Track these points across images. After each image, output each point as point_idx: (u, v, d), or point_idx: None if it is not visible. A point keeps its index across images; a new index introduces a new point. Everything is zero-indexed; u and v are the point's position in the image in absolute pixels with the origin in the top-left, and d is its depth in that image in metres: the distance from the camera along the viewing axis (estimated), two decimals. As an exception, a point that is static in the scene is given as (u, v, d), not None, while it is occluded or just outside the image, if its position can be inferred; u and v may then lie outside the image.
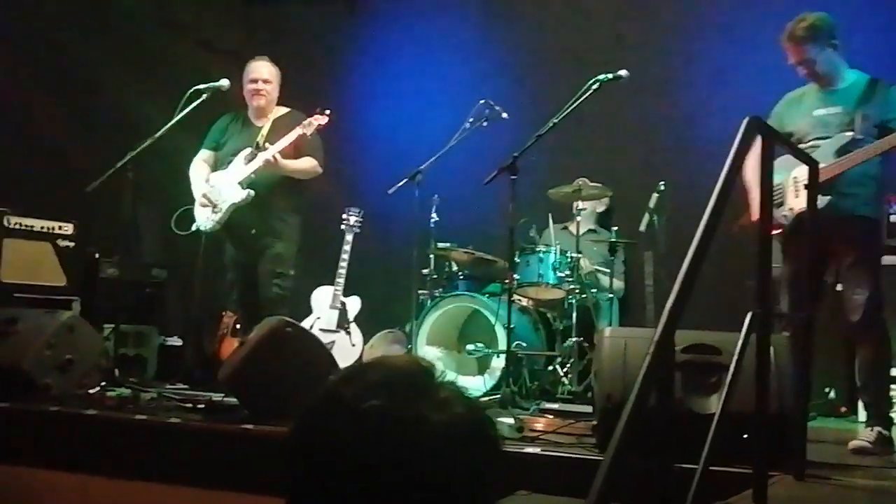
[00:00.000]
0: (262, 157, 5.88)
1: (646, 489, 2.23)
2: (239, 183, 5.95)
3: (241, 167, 5.98)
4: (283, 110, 6.24)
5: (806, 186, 3.47)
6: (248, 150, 6.00)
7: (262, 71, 6.16)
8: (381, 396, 1.16)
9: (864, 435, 4.21)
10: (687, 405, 3.64)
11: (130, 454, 4.33)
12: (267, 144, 5.93)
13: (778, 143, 3.03)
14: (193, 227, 6.10)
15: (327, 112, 6.04)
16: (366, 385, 1.18)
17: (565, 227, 7.03)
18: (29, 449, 4.46)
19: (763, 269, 2.92)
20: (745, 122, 2.79)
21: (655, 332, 2.16)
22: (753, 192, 4.30)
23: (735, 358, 2.69)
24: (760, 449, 2.90)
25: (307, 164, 6.08)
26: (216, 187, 6.03)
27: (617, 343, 3.90)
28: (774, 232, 4.31)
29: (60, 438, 4.46)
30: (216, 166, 6.19)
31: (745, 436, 3.35)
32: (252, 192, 5.92)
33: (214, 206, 6.02)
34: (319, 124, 6.01)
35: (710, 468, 2.52)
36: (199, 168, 6.19)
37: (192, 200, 6.17)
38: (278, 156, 5.86)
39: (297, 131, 5.96)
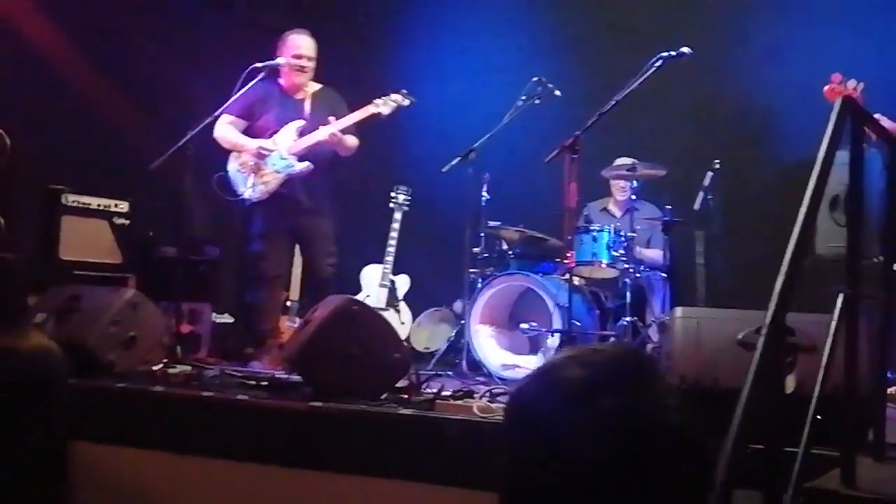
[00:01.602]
0: (326, 131, 5.85)
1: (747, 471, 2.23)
2: (292, 154, 5.91)
3: (293, 138, 5.92)
4: (317, 86, 6.17)
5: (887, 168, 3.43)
6: (300, 123, 5.94)
7: (309, 47, 6.06)
8: (616, 394, 1.15)
9: None
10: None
11: (198, 431, 4.36)
12: (331, 118, 5.88)
13: (868, 124, 2.99)
14: (241, 194, 5.99)
15: (411, 97, 6.07)
16: (601, 379, 1.17)
17: (605, 209, 7.01)
18: (96, 426, 4.50)
19: (853, 251, 2.89)
20: (837, 102, 2.75)
21: (766, 316, 2.14)
22: None
23: (829, 341, 2.67)
24: (848, 431, 2.89)
25: (354, 141, 6.06)
26: (266, 155, 5.93)
27: (689, 323, 3.88)
28: None
29: (128, 415, 4.50)
30: (248, 134, 6.05)
31: (819, 417, 3.34)
32: (311, 165, 5.89)
33: (261, 174, 5.94)
34: (400, 105, 6.01)
35: (787, 449, 2.52)
36: (232, 130, 6.02)
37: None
38: (338, 130, 5.85)
39: (371, 109, 5.95)
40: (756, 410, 2.06)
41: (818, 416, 3.37)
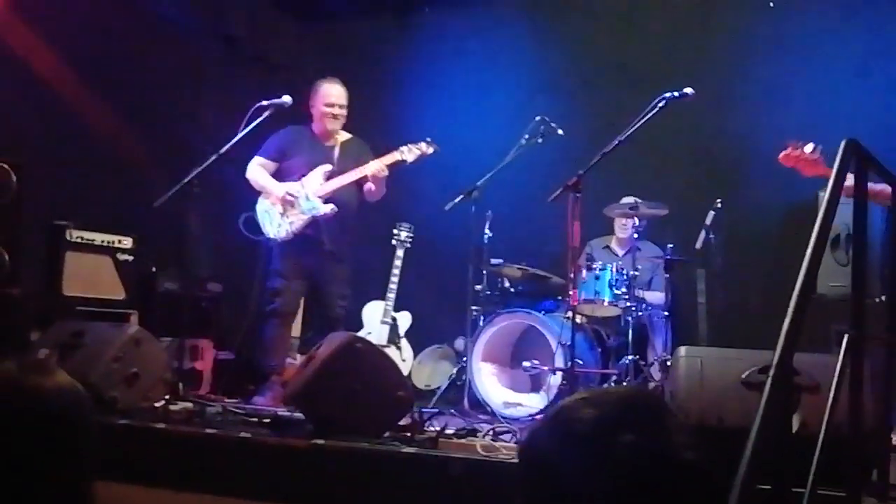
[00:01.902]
0: (373, 166, 6.03)
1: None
2: (319, 197, 6.04)
3: (319, 182, 6.08)
4: (347, 135, 6.35)
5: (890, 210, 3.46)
6: (327, 167, 6.11)
7: (342, 96, 6.25)
8: (629, 431, 1.16)
9: None
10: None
11: (199, 468, 4.35)
12: (379, 163, 6.06)
13: (871, 166, 3.01)
14: (268, 233, 6.17)
15: (435, 145, 6.19)
16: (614, 418, 1.18)
17: (607, 247, 7.02)
18: (97, 462, 4.47)
19: (857, 291, 2.91)
20: (842, 144, 2.78)
21: (774, 356, 2.15)
22: None
23: (835, 381, 2.68)
24: (854, 471, 2.89)
25: (383, 187, 6.22)
26: (294, 197, 6.07)
27: (693, 362, 3.90)
28: None
29: (129, 452, 4.47)
30: (276, 177, 6.22)
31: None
32: (336, 208, 6.02)
33: (288, 215, 6.09)
34: (424, 154, 6.15)
35: (792, 489, 2.52)
36: (263, 174, 6.23)
37: (246, 208, 6.25)
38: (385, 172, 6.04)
39: (396, 156, 6.11)
40: (764, 451, 2.05)
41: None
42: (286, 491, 4.17)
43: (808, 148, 4.68)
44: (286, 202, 6.07)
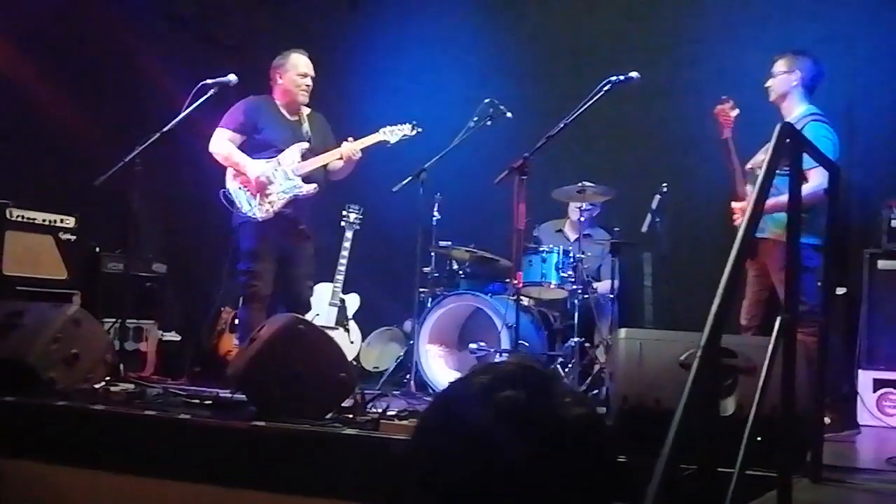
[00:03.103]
0: (343, 151, 5.85)
1: (680, 494, 2.24)
2: (298, 175, 5.79)
3: (296, 160, 5.81)
4: (308, 109, 6.09)
5: (826, 192, 3.49)
6: (304, 145, 5.85)
7: (311, 67, 6.02)
8: (517, 388, 1.22)
9: None
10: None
11: (138, 450, 4.30)
12: (350, 140, 5.90)
13: (806, 149, 3.04)
14: (245, 211, 5.79)
15: (419, 127, 6.01)
16: (500, 377, 1.24)
17: (560, 231, 7.04)
18: (35, 444, 4.42)
19: (791, 274, 2.93)
20: (777, 127, 2.79)
21: (702, 336, 2.15)
22: None
23: (766, 363, 2.70)
24: (785, 452, 2.92)
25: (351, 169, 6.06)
26: (272, 174, 5.80)
27: (632, 345, 3.90)
28: None
29: (67, 433, 4.42)
30: (245, 151, 5.89)
31: (759, 438, 3.37)
32: (317, 187, 5.81)
33: (265, 193, 5.79)
34: (407, 136, 5.97)
35: (720, 470, 2.54)
36: (230, 147, 5.88)
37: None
38: (359, 154, 5.87)
39: (378, 136, 5.93)
40: (690, 431, 2.06)
41: (758, 438, 3.42)
42: (227, 473, 4.14)
43: (735, 112, 5.33)
44: (260, 184, 5.76)
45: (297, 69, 5.96)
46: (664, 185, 6.38)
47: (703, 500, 2.38)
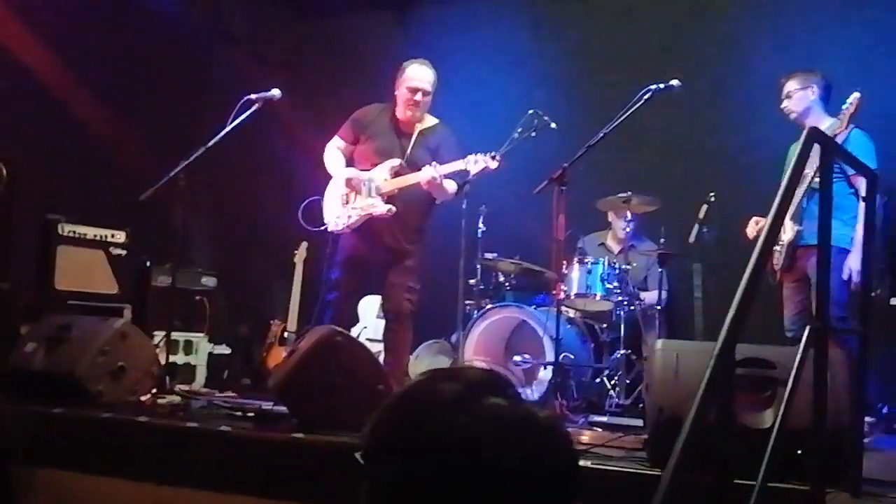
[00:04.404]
0: (426, 175, 5.53)
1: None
2: (381, 195, 5.63)
3: (386, 178, 5.65)
4: (432, 121, 5.90)
5: (863, 199, 3.42)
6: (395, 162, 5.66)
7: (426, 81, 5.78)
8: (497, 395, 1.23)
9: None
10: (741, 420, 3.60)
11: (181, 461, 4.36)
12: (434, 164, 5.55)
13: (837, 155, 2.98)
14: (328, 223, 5.76)
15: (498, 159, 5.58)
16: (476, 384, 1.24)
17: (602, 244, 6.98)
18: (81, 455, 4.50)
19: (822, 284, 2.88)
20: (804, 132, 2.75)
21: (716, 346, 2.13)
22: None
23: (793, 373, 2.65)
24: (818, 465, 2.86)
25: (454, 188, 5.74)
26: (357, 188, 5.70)
27: (668, 356, 3.86)
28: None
29: (112, 445, 4.50)
30: (352, 159, 5.85)
31: (799, 451, 3.31)
32: (394, 209, 5.60)
33: (348, 207, 5.70)
34: (487, 167, 5.53)
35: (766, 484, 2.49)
36: (336, 157, 5.85)
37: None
38: (439, 175, 5.52)
39: (460, 165, 5.55)
40: (704, 440, 2.04)
41: (798, 451, 3.35)
42: (266, 485, 4.17)
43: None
44: (351, 187, 5.68)
45: (408, 82, 5.75)
46: (711, 194, 6.31)
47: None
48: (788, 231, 5.02)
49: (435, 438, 1.20)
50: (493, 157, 5.56)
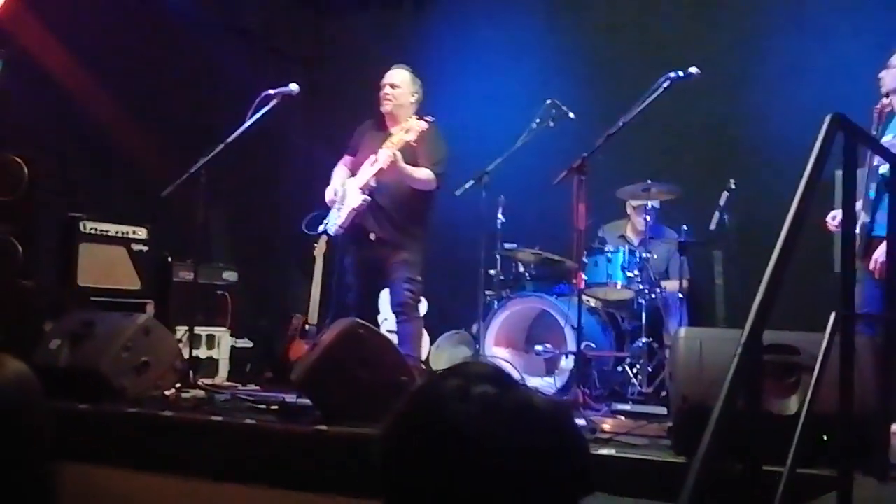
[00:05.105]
0: (383, 156, 5.74)
1: (729, 492, 2.20)
2: (360, 188, 5.84)
3: (367, 171, 5.88)
4: (416, 123, 5.96)
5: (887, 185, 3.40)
6: (373, 157, 5.86)
7: (392, 76, 6.09)
8: (491, 385, 1.25)
9: None
10: (766, 406, 3.59)
11: (206, 455, 4.38)
12: (385, 151, 5.75)
13: (861, 140, 2.96)
14: (320, 229, 6.09)
15: (427, 118, 5.89)
16: (473, 376, 1.27)
17: (622, 236, 6.94)
18: (106, 450, 4.53)
19: (846, 269, 2.86)
20: (827, 118, 2.73)
21: (743, 333, 2.12)
22: None
23: (820, 359, 2.64)
24: (845, 451, 2.85)
25: (423, 173, 5.87)
26: (345, 192, 5.95)
27: (692, 344, 3.85)
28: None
29: (137, 439, 4.53)
30: (354, 171, 6.05)
31: (826, 437, 3.30)
32: (368, 198, 5.80)
33: (340, 210, 5.95)
34: (421, 130, 5.77)
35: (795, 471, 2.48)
36: (338, 171, 6.12)
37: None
38: (398, 154, 5.69)
39: (402, 136, 5.76)
40: (733, 427, 2.03)
41: (824, 437, 3.34)
42: (291, 477, 4.18)
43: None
44: (331, 201, 5.99)
45: (383, 81, 6.09)
46: (732, 181, 6.28)
47: (762, 499, 2.33)
48: (861, 220, 4.90)
49: (433, 430, 1.24)
50: (422, 118, 5.88)
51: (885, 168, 4.32)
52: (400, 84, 6.06)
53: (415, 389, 1.31)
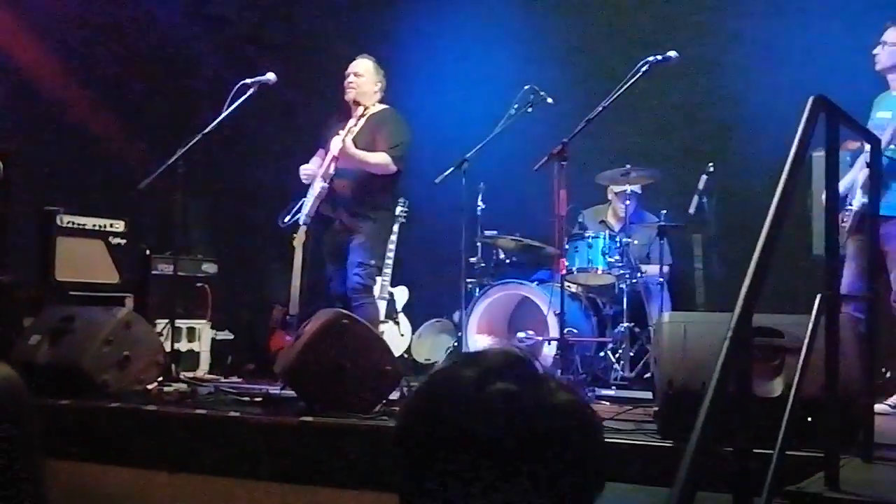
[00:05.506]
0: (334, 143, 5.81)
1: (717, 475, 2.20)
2: (321, 176, 5.90)
3: (326, 159, 5.92)
4: (381, 107, 6.14)
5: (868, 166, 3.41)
6: (331, 145, 5.89)
7: (356, 65, 6.12)
8: (506, 379, 1.21)
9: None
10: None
11: (191, 449, 4.36)
12: (337, 138, 5.81)
13: (843, 122, 2.96)
14: (287, 219, 6.05)
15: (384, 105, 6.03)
16: (491, 368, 1.23)
17: (602, 221, 6.94)
18: (90, 446, 4.50)
19: (831, 251, 2.87)
20: (810, 100, 2.73)
21: (732, 316, 2.12)
22: None
23: (806, 341, 2.65)
24: (831, 432, 2.86)
25: (378, 158, 5.88)
26: (312, 181, 5.99)
27: (676, 328, 3.87)
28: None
29: (120, 434, 4.50)
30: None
31: (810, 419, 3.32)
32: (326, 185, 5.85)
33: (307, 199, 5.98)
34: (373, 114, 5.95)
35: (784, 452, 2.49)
36: (314, 161, 6.14)
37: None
38: (349, 141, 5.75)
39: (353, 123, 5.91)
40: (722, 411, 2.03)
41: (808, 419, 3.36)
42: (277, 469, 4.18)
43: None
44: (307, 184, 6.00)
45: (347, 70, 6.14)
46: (710, 164, 6.30)
47: (737, 481, 2.34)
48: (857, 200, 4.91)
49: (450, 424, 1.20)
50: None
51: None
52: (363, 73, 6.10)
53: (432, 377, 1.27)
